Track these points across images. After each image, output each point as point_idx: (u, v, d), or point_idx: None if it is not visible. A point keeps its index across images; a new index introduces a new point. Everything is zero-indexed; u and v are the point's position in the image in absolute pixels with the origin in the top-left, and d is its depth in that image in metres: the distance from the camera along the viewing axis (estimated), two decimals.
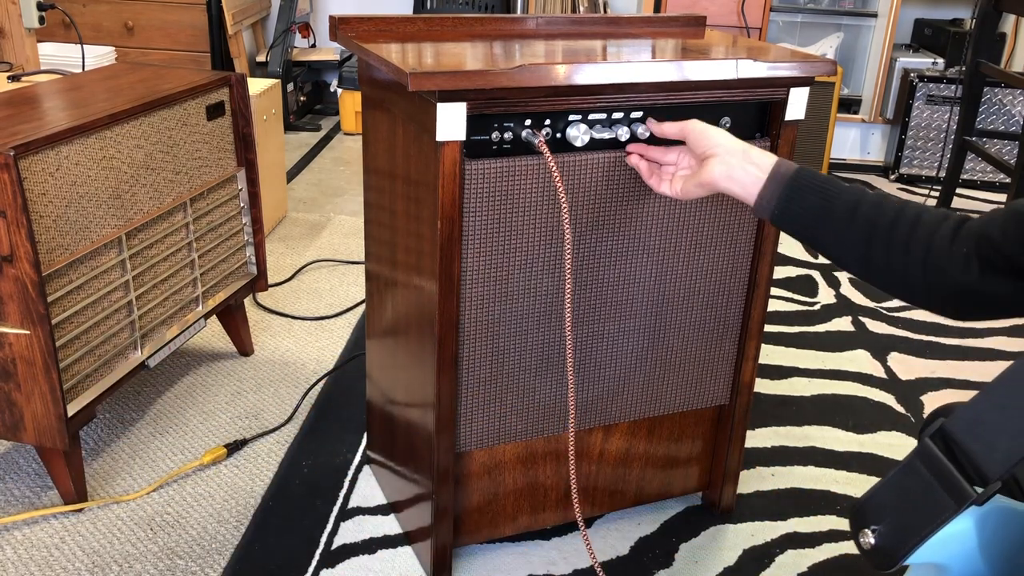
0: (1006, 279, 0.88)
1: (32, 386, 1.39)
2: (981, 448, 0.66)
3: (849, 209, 0.98)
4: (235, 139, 1.84)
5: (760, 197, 1.04)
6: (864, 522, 0.72)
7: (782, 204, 1.02)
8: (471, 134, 1.14)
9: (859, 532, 0.72)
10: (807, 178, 1.02)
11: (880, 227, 0.96)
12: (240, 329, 2.01)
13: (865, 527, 0.72)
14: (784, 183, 1.02)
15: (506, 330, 1.26)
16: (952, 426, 0.68)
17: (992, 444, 0.65)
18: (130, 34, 3.81)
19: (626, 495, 1.50)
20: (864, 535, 0.72)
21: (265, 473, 1.65)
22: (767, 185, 1.03)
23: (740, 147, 1.07)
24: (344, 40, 1.32)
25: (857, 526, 0.73)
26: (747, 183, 1.05)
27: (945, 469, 0.68)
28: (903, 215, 0.95)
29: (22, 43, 2.50)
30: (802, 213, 1.00)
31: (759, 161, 1.05)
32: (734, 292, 1.39)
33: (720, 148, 1.07)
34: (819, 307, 2.43)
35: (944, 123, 3.46)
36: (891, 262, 0.95)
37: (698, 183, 1.10)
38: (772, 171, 1.04)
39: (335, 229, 2.80)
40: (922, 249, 0.93)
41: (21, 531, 1.48)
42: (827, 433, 1.84)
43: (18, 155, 1.28)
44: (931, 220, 0.94)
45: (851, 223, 0.97)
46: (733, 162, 1.06)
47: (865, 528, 0.72)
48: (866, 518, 0.72)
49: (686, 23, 1.57)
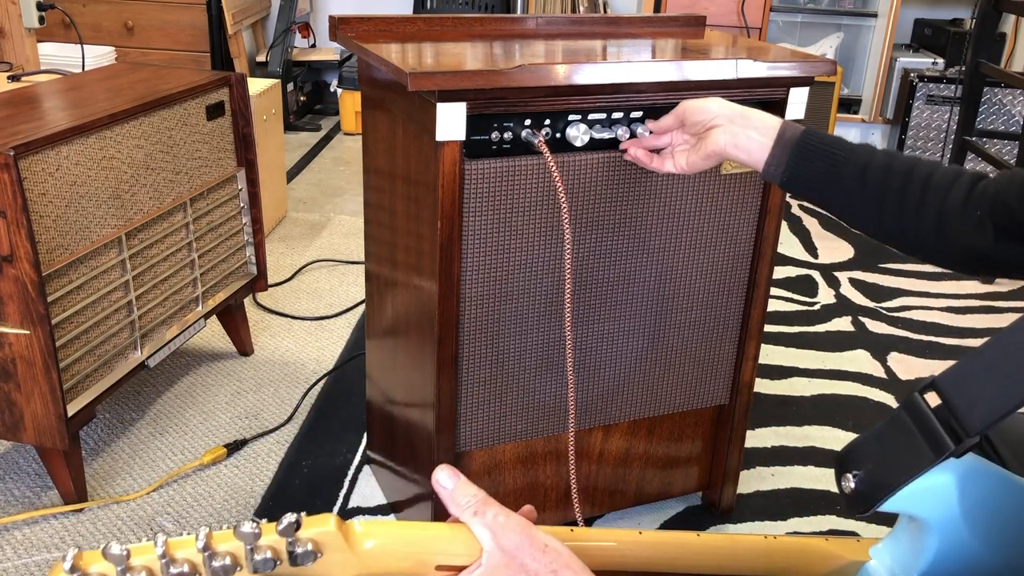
0: (1021, 245, 0.88)
1: (32, 386, 1.39)
2: (963, 403, 0.67)
3: (858, 174, 0.96)
4: (235, 139, 1.84)
5: (767, 164, 1.02)
6: (847, 467, 0.74)
7: (790, 170, 1.00)
8: (471, 134, 1.14)
9: (841, 476, 0.74)
10: (814, 142, 1.00)
11: (891, 192, 0.95)
12: (240, 329, 2.01)
13: (847, 472, 0.74)
14: (790, 148, 1.01)
15: (506, 330, 1.26)
16: (941, 381, 0.70)
17: (974, 400, 0.67)
18: (130, 34, 3.81)
19: (626, 495, 1.50)
20: (845, 479, 0.74)
21: (265, 473, 1.65)
22: (773, 151, 1.02)
23: (738, 111, 1.06)
24: (344, 40, 1.32)
25: (840, 471, 0.75)
26: (752, 149, 1.03)
27: (927, 420, 0.69)
28: (913, 177, 0.94)
29: (22, 43, 2.50)
30: (810, 179, 0.99)
31: (762, 124, 1.04)
32: (734, 292, 1.39)
33: (721, 118, 1.06)
34: (819, 307, 2.43)
35: (944, 123, 3.46)
36: (904, 227, 0.94)
37: (705, 155, 1.09)
38: (778, 136, 1.02)
39: (335, 229, 2.80)
40: (934, 214, 0.92)
41: (21, 531, 1.48)
42: (827, 433, 1.84)
43: (18, 155, 1.28)
44: (942, 181, 0.93)
45: (861, 188, 0.96)
46: (736, 129, 1.05)
47: (847, 473, 0.74)
48: (849, 463, 0.74)
49: (686, 23, 1.57)
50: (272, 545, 0.62)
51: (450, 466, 0.71)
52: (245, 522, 0.60)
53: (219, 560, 0.60)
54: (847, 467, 0.74)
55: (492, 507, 0.69)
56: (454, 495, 0.70)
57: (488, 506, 0.69)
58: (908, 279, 2.64)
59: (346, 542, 0.64)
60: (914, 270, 2.71)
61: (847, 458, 0.75)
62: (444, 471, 0.70)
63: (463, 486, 0.70)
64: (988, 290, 2.60)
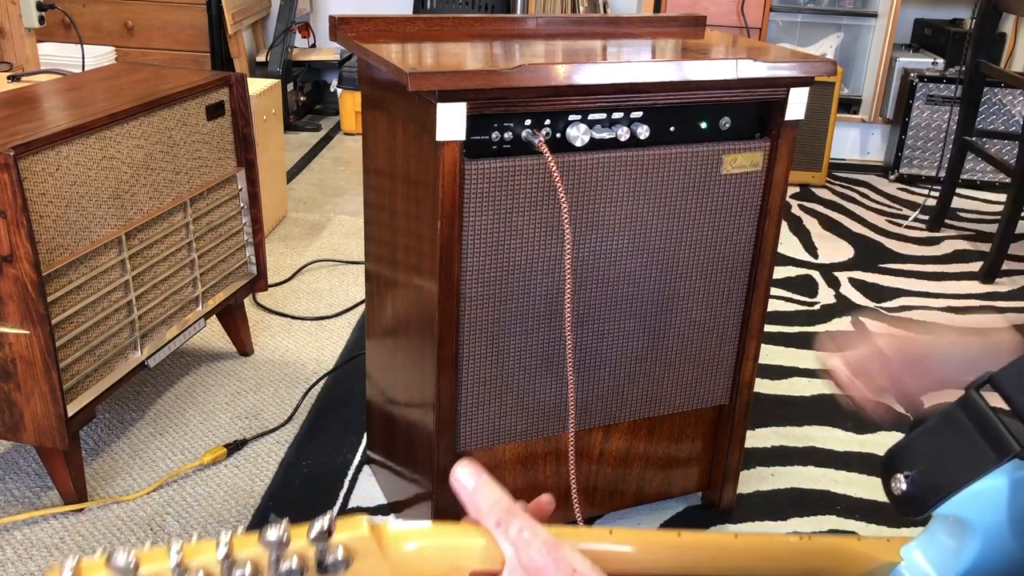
0: None
1: (32, 386, 1.39)
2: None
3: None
4: (235, 139, 1.84)
5: None
6: (896, 468, 0.70)
7: None
8: (471, 134, 1.14)
9: (890, 477, 0.70)
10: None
11: None
12: (240, 329, 2.01)
13: (897, 472, 0.70)
14: None
15: (506, 330, 1.26)
16: (1000, 378, 0.66)
17: None
18: (130, 34, 3.81)
19: (626, 495, 1.50)
20: (896, 480, 0.69)
21: (265, 473, 1.65)
22: None
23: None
24: (344, 40, 1.32)
25: (889, 472, 0.70)
26: None
27: (989, 419, 0.65)
28: None
29: (22, 43, 2.50)
30: None
31: None
32: (734, 292, 1.39)
33: None
34: (819, 307, 2.43)
35: (944, 123, 3.46)
36: None
37: None
38: None
39: (335, 229, 2.80)
40: None
41: (21, 531, 1.48)
42: (827, 433, 1.84)
43: (18, 155, 1.28)
44: None
45: None
46: None
47: (897, 474, 0.69)
48: (898, 464, 0.70)
49: (686, 23, 1.57)
50: (300, 552, 0.56)
51: (473, 461, 0.63)
52: (271, 526, 0.54)
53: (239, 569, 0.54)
54: (897, 468, 0.70)
55: (517, 519, 0.61)
56: (475, 497, 0.62)
57: (512, 517, 0.61)
58: (908, 279, 2.64)
59: (379, 547, 0.59)
60: (914, 270, 2.71)
61: (896, 459, 0.71)
62: (466, 467, 0.62)
63: (485, 487, 0.62)
64: (988, 290, 2.60)
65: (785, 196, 1.35)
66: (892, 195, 3.41)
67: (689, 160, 1.27)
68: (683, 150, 1.26)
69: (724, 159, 1.29)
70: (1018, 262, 2.80)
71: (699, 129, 1.28)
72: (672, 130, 1.26)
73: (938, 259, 2.81)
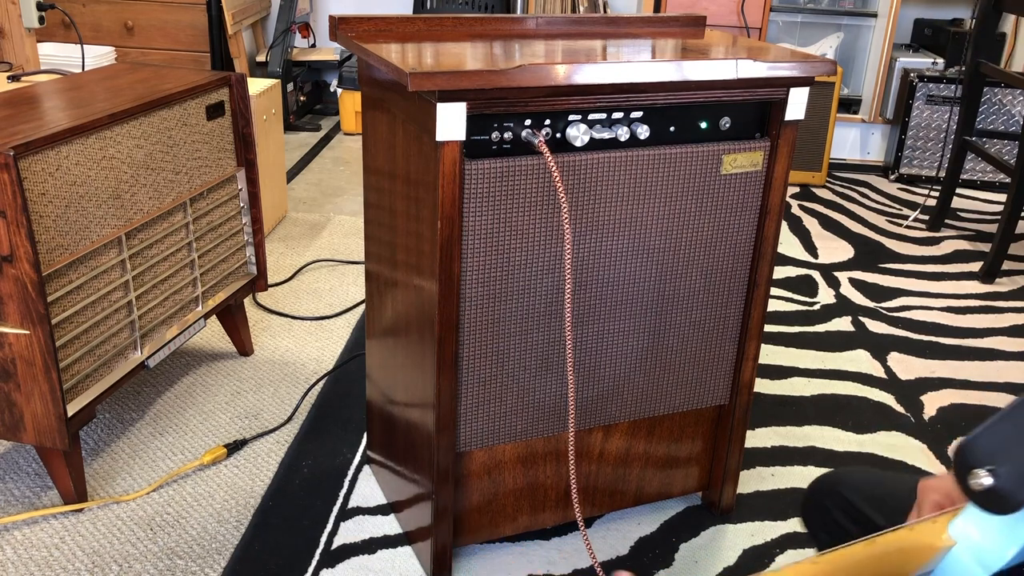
0: None
1: (32, 386, 1.39)
2: None
3: None
4: (235, 139, 1.84)
5: None
6: (975, 463, 0.66)
7: None
8: (471, 134, 1.14)
9: (969, 473, 0.66)
10: None
11: None
12: (240, 329, 2.01)
13: (977, 467, 0.65)
14: None
15: (506, 330, 1.26)
16: None
17: None
18: (130, 34, 3.81)
19: (626, 495, 1.50)
20: (974, 476, 0.65)
21: (265, 473, 1.65)
22: None
23: None
24: (344, 40, 1.32)
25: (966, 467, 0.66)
26: None
27: None
28: None
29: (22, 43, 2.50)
30: None
31: None
32: (734, 292, 1.39)
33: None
34: (819, 307, 2.43)
35: (944, 123, 3.46)
36: None
37: None
38: None
39: (335, 229, 2.80)
40: None
41: (21, 531, 1.48)
42: (827, 433, 1.84)
43: (18, 155, 1.28)
44: None
45: None
46: None
47: (976, 469, 0.65)
48: (978, 458, 0.66)
49: (686, 23, 1.57)
50: None
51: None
52: None
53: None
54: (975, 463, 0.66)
55: None
56: None
57: None
58: (908, 279, 2.64)
59: None
60: (914, 270, 2.71)
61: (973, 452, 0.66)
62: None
63: None
64: (988, 290, 2.60)
65: (785, 196, 1.35)
66: (892, 195, 3.41)
67: (689, 160, 1.27)
68: (683, 150, 1.26)
69: (724, 159, 1.29)
70: (1018, 262, 2.80)
71: (699, 129, 1.28)
72: (672, 130, 1.26)
73: (938, 259, 2.81)
